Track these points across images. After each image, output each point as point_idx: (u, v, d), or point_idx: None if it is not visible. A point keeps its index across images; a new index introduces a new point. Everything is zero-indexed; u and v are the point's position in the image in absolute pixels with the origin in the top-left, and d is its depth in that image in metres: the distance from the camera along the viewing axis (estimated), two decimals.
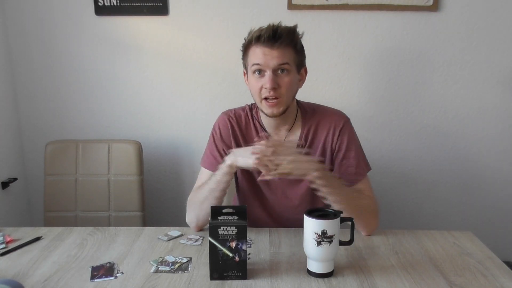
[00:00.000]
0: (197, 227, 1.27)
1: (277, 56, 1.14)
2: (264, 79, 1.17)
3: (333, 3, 1.72)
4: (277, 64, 1.15)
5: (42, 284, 0.99)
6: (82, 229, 1.29)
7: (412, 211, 1.95)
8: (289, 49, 1.16)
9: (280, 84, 1.16)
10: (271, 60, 1.15)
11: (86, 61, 1.83)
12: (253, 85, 1.20)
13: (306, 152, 1.27)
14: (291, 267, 1.06)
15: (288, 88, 1.18)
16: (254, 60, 1.17)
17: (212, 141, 1.32)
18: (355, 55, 1.79)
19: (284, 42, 1.14)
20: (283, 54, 1.15)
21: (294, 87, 1.21)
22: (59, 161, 1.70)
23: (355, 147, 1.28)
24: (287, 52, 1.16)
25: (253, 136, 1.29)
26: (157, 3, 1.75)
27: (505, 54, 1.78)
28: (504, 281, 1.00)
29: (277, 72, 1.16)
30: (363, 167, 1.28)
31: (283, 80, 1.17)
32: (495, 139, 1.87)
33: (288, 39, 1.15)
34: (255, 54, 1.17)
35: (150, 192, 1.93)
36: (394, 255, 1.13)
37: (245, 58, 1.22)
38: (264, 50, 1.15)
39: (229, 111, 1.35)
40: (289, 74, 1.17)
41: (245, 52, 1.22)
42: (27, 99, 1.88)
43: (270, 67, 1.15)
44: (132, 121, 1.89)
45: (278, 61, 1.15)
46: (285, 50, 1.15)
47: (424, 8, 1.72)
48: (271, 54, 1.14)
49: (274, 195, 1.32)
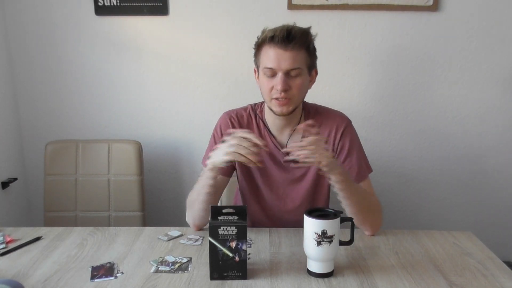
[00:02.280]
0: (195, 227, 1.27)
1: (289, 58, 1.13)
2: (275, 80, 1.16)
3: (333, 3, 1.72)
4: (290, 67, 1.14)
5: (42, 284, 0.99)
6: (82, 229, 1.28)
7: (412, 211, 1.95)
8: (302, 51, 1.15)
9: (292, 86, 1.16)
10: (283, 62, 1.13)
11: (86, 61, 1.83)
12: (264, 84, 1.19)
13: None
14: (291, 267, 1.06)
15: (299, 90, 1.17)
16: (267, 62, 1.16)
17: (213, 141, 1.32)
18: (355, 55, 1.79)
19: (297, 44, 1.13)
20: (296, 57, 1.14)
21: (305, 88, 1.21)
22: (59, 161, 1.70)
23: (357, 149, 1.28)
24: (300, 54, 1.15)
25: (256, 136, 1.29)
26: (157, 3, 1.75)
27: (505, 54, 1.78)
28: (504, 281, 1.00)
29: (289, 74, 1.15)
30: (365, 168, 1.28)
31: (294, 82, 1.16)
32: (495, 139, 1.87)
33: (301, 41, 1.14)
34: (267, 55, 1.15)
35: (150, 192, 1.93)
36: (394, 255, 1.13)
37: (257, 57, 1.21)
38: (277, 51, 1.13)
39: (231, 111, 1.34)
40: (300, 76, 1.16)
41: (257, 50, 1.21)
42: (27, 99, 1.88)
43: (282, 69, 1.14)
44: (132, 121, 1.89)
45: (291, 65, 1.14)
46: (298, 52, 1.14)
47: (424, 8, 1.72)
48: (284, 56, 1.13)
49: (275, 195, 1.32)
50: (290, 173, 1.30)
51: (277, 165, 1.30)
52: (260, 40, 1.19)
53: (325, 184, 1.31)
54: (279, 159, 1.29)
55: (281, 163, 1.29)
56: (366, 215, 1.21)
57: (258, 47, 1.20)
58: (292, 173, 1.30)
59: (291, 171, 1.30)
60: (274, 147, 1.29)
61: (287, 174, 1.30)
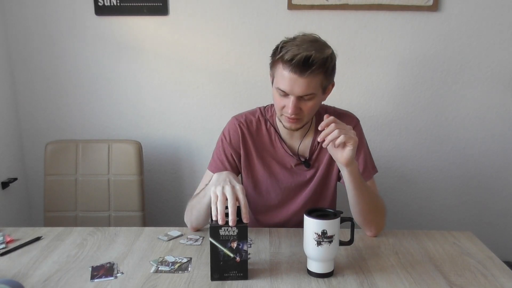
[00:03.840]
0: (192, 229, 1.27)
1: (304, 84, 1.09)
2: (287, 100, 1.13)
3: (333, 3, 1.72)
4: (303, 93, 1.11)
5: (42, 284, 0.99)
6: (82, 229, 1.28)
7: (412, 211, 1.95)
8: (319, 76, 1.11)
9: (303, 108, 1.14)
10: (297, 88, 1.10)
11: (86, 61, 1.83)
12: (276, 100, 1.17)
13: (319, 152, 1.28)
14: (291, 267, 1.06)
15: (310, 111, 1.16)
16: (280, 85, 1.12)
17: (221, 146, 1.31)
18: (355, 55, 1.79)
19: (314, 72, 1.09)
20: (311, 83, 1.10)
21: (316, 107, 1.19)
22: (59, 161, 1.70)
23: (364, 149, 1.28)
24: (315, 80, 1.11)
25: (265, 142, 1.29)
26: (157, 3, 1.75)
27: (505, 54, 1.78)
28: (504, 281, 1.00)
29: (302, 97, 1.13)
30: (370, 169, 1.28)
31: (306, 105, 1.14)
32: (495, 139, 1.87)
33: (319, 69, 1.09)
34: (282, 77, 1.11)
35: (150, 192, 1.93)
36: (394, 255, 1.13)
37: (273, 69, 1.17)
38: (292, 76, 1.09)
39: (239, 116, 1.32)
40: (313, 99, 1.14)
41: (273, 63, 1.16)
42: (27, 99, 1.88)
43: (295, 94, 1.12)
44: (132, 121, 1.89)
45: (304, 91, 1.10)
46: (313, 79, 1.10)
47: (424, 8, 1.72)
48: (298, 81, 1.09)
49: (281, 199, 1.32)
50: (300, 177, 1.30)
51: (286, 170, 1.30)
52: (277, 55, 1.12)
53: (331, 186, 1.32)
54: (290, 164, 1.29)
55: (291, 168, 1.29)
56: (373, 215, 1.21)
57: (274, 61, 1.15)
58: (302, 176, 1.30)
59: (301, 175, 1.30)
60: (284, 153, 1.29)
61: (296, 178, 1.30)
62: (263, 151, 1.30)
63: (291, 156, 1.28)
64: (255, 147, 1.29)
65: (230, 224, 0.96)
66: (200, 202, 1.14)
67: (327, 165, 1.29)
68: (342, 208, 1.16)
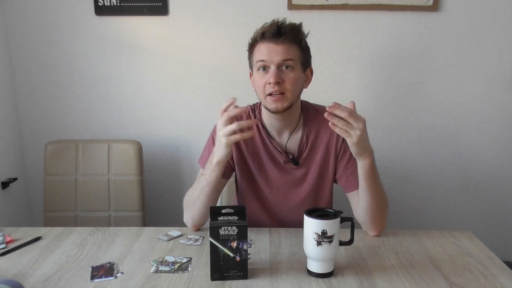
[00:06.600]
0: (193, 227, 1.27)
1: (281, 51, 1.15)
2: (268, 74, 1.16)
3: (333, 3, 1.72)
4: (282, 59, 1.15)
5: (42, 284, 0.99)
6: (82, 229, 1.28)
7: (412, 211, 1.95)
8: (294, 45, 1.16)
9: (285, 79, 1.16)
10: (275, 56, 1.15)
11: (86, 61, 1.83)
12: (257, 82, 1.20)
13: (309, 152, 1.28)
14: (291, 267, 1.06)
15: (292, 84, 1.17)
16: (259, 56, 1.17)
17: (211, 141, 1.32)
18: (355, 55, 1.79)
19: (288, 38, 1.15)
20: (288, 50, 1.15)
21: (299, 84, 1.21)
22: (59, 161, 1.70)
23: None
24: (292, 49, 1.16)
25: (255, 138, 1.29)
26: (157, 3, 1.75)
27: (505, 54, 1.78)
28: (504, 281, 1.00)
29: (281, 68, 1.16)
30: None
31: (287, 76, 1.16)
32: (495, 139, 1.87)
33: (292, 35, 1.15)
34: (259, 50, 1.17)
35: (150, 192, 1.93)
36: (394, 255, 1.13)
37: (251, 57, 1.22)
38: (268, 45, 1.16)
39: None
40: (293, 70, 1.17)
41: (250, 51, 1.22)
42: (27, 99, 1.88)
43: (274, 63, 1.15)
44: (132, 121, 1.89)
45: (283, 57, 1.15)
46: (289, 46, 1.15)
47: (424, 8, 1.72)
48: (276, 49, 1.15)
49: (275, 197, 1.32)
50: (290, 175, 1.30)
51: (277, 167, 1.30)
52: (252, 40, 1.21)
53: (327, 187, 1.31)
54: (279, 160, 1.29)
55: (281, 165, 1.29)
56: (381, 213, 1.21)
57: (250, 47, 1.22)
58: (292, 175, 1.30)
59: (290, 173, 1.29)
60: (273, 149, 1.29)
61: (286, 176, 1.30)
62: (254, 147, 1.30)
63: (280, 153, 1.28)
64: (245, 143, 1.29)
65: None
66: (203, 186, 1.20)
67: (320, 165, 1.28)
68: (342, 208, 1.15)
